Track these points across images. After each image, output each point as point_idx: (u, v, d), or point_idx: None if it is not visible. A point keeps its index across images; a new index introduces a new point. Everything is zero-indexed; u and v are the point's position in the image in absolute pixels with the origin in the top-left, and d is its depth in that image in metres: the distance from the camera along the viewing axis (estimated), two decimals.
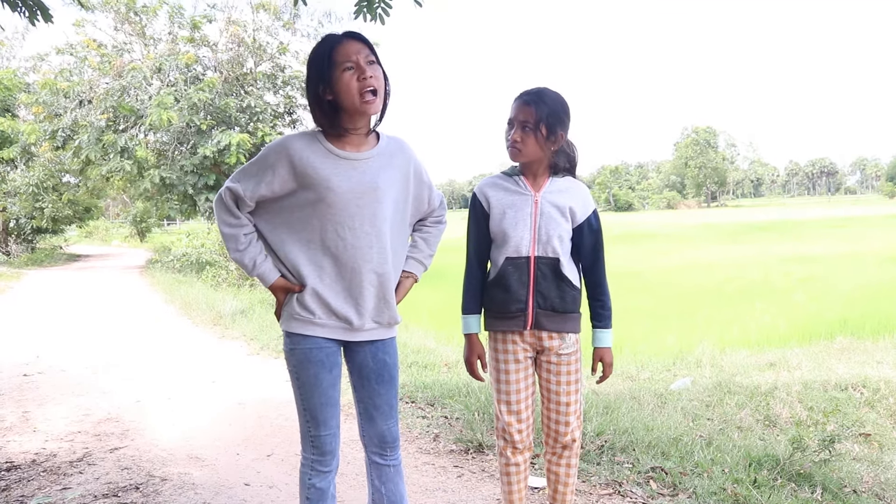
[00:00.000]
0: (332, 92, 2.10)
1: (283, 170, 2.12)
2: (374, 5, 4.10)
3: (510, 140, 2.44)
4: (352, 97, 2.08)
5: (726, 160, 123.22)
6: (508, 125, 2.47)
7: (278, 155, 2.13)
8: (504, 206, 2.49)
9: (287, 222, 2.18)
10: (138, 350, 7.48)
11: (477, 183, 2.89)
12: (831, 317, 9.22)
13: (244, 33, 16.33)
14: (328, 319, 2.17)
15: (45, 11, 4.03)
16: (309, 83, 2.15)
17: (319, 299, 2.15)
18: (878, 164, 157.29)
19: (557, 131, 2.42)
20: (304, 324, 2.16)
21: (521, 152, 2.43)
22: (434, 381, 5.54)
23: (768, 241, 25.68)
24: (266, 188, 2.14)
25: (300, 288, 2.16)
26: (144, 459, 3.98)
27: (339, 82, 2.08)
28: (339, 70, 2.08)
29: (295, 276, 2.17)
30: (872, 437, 4.48)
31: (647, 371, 6.50)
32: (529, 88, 2.47)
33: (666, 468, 3.54)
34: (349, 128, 2.16)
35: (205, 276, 14.91)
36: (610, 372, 2.59)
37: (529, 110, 2.40)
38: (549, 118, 2.40)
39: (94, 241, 41.64)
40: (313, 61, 2.14)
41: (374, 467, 2.34)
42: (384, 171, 2.20)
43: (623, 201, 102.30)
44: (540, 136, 2.40)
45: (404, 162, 2.28)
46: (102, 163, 15.90)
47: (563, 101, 2.46)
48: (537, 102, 2.40)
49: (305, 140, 2.15)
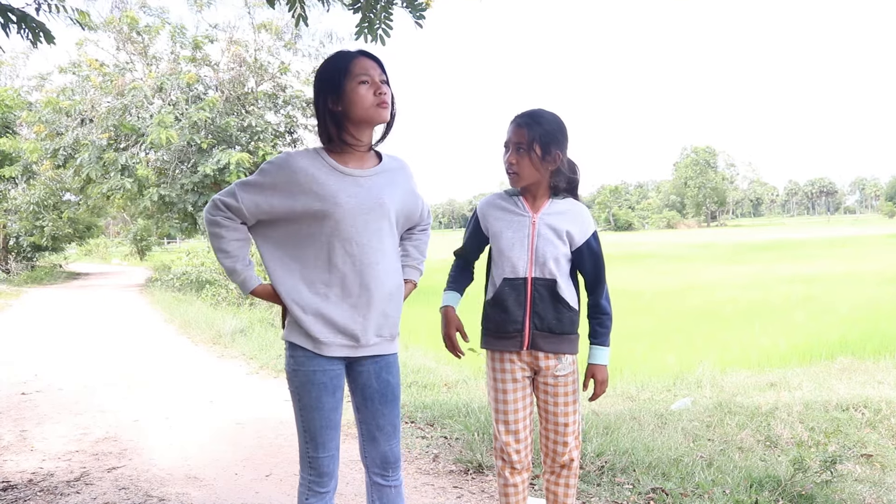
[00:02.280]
0: (343, 103, 2.12)
1: (284, 184, 2.12)
2: (375, 26, 4.14)
3: (506, 163, 2.46)
4: (365, 107, 2.12)
5: (726, 180, 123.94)
6: (505, 149, 2.48)
7: (280, 169, 2.13)
8: (502, 226, 2.50)
9: (291, 240, 2.17)
10: (137, 369, 7.46)
11: (476, 202, 2.91)
12: (832, 337, 9.20)
13: (246, 53, 16.46)
14: (334, 338, 2.15)
15: (48, 33, 4.07)
16: (318, 94, 2.17)
17: (324, 319, 2.14)
18: (877, 184, 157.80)
19: (553, 151, 2.42)
20: (307, 339, 2.15)
21: (518, 175, 2.44)
22: (433, 401, 5.52)
23: (768, 260, 25.69)
24: (265, 202, 2.13)
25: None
26: (142, 479, 3.96)
27: (353, 93, 2.11)
28: (355, 82, 2.11)
29: (295, 298, 2.15)
30: (874, 457, 4.46)
31: (648, 391, 6.47)
32: (524, 111, 2.48)
33: (667, 489, 3.52)
34: (352, 142, 2.17)
35: (204, 295, 14.88)
36: (602, 390, 2.57)
37: (522, 132, 2.41)
38: (543, 138, 2.40)
39: (93, 260, 41.62)
40: (326, 72, 2.16)
41: (375, 488, 2.32)
42: (388, 188, 2.22)
43: (623, 221, 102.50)
44: (535, 156, 2.40)
45: (405, 180, 2.31)
46: (103, 181, 15.95)
47: (558, 120, 2.46)
48: (530, 124, 2.41)
49: (309, 157, 2.15)
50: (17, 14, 3.92)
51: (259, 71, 16.63)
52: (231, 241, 2.18)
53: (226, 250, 2.19)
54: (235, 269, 2.20)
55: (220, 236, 2.18)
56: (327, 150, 2.18)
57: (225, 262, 2.21)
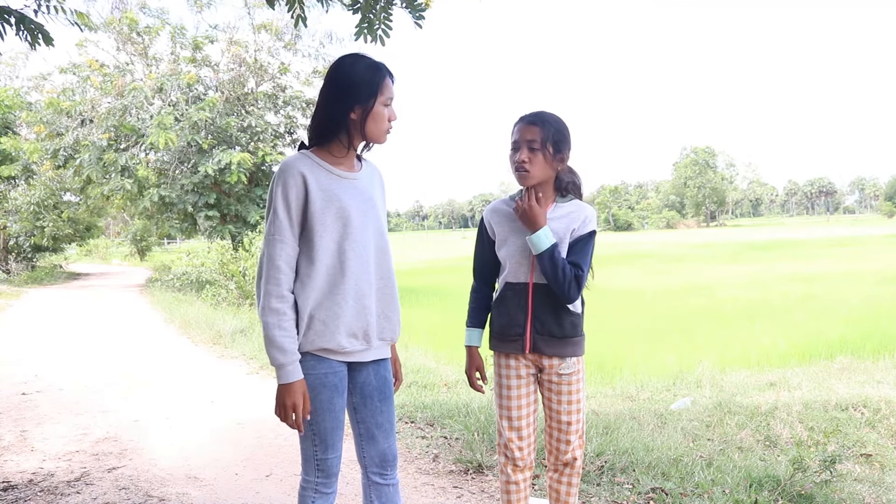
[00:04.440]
0: (363, 116, 2.13)
1: (300, 192, 2.09)
2: (375, 26, 4.15)
3: (517, 162, 2.42)
4: (380, 128, 2.17)
5: (725, 180, 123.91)
6: (513, 149, 2.46)
7: (293, 178, 2.08)
8: (506, 232, 2.52)
9: (303, 247, 2.13)
10: (137, 369, 7.46)
11: (476, 203, 2.92)
12: (831, 336, 9.19)
13: (245, 54, 16.49)
14: (346, 341, 2.15)
15: (46, 35, 4.08)
16: (340, 97, 2.13)
17: (336, 323, 2.12)
18: (876, 184, 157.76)
19: (563, 150, 2.44)
20: (320, 347, 2.13)
21: (530, 173, 2.42)
22: (434, 401, 5.52)
23: (768, 260, 25.68)
24: (296, 216, 2.09)
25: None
26: (142, 479, 3.96)
27: (378, 113, 2.15)
28: (382, 101, 2.15)
29: (306, 304, 2.11)
30: (873, 457, 4.45)
31: (647, 391, 6.47)
32: (531, 111, 2.49)
33: (666, 489, 3.52)
34: (350, 148, 2.19)
35: (204, 295, 14.87)
36: (521, 212, 2.43)
37: (535, 129, 2.41)
38: (555, 136, 2.42)
39: (94, 260, 41.65)
40: (360, 79, 2.13)
41: (373, 488, 2.32)
42: (372, 187, 2.26)
43: (622, 221, 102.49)
44: (548, 154, 2.41)
45: (380, 181, 2.35)
46: (103, 182, 15.98)
47: (563, 121, 2.49)
48: (542, 122, 2.42)
49: (304, 162, 2.13)
50: (16, 16, 3.92)
51: (259, 71, 16.66)
52: (290, 314, 2.11)
53: (285, 328, 2.10)
54: (292, 349, 2.12)
55: (281, 312, 2.09)
56: (315, 152, 2.18)
57: (284, 341, 2.10)
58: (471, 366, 2.67)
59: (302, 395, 2.09)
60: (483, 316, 2.67)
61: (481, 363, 2.67)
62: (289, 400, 2.08)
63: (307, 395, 2.11)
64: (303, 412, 2.09)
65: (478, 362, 2.66)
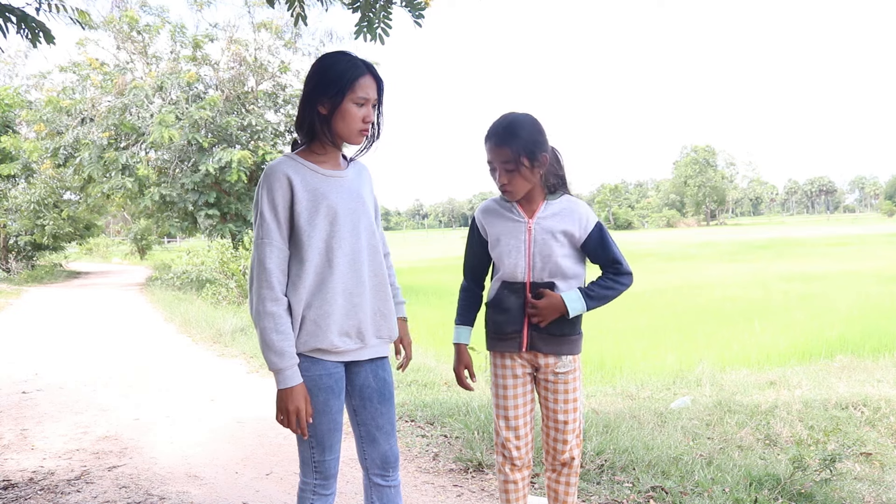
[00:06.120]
0: (331, 111, 2.12)
1: (286, 194, 2.08)
2: (375, 26, 4.15)
3: (499, 185, 2.44)
4: (349, 127, 2.13)
5: (725, 179, 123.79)
6: (490, 168, 2.46)
7: (278, 182, 2.08)
8: (499, 232, 2.51)
9: (292, 248, 2.12)
10: (137, 368, 7.47)
11: (476, 201, 2.92)
12: (831, 335, 9.18)
13: (246, 52, 16.47)
14: (340, 341, 2.14)
15: (48, 33, 4.07)
16: (313, 90, 2.13)
17: (329, 323, 2.11)
18: (876, 183, 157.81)
19: (539, 155, 2.39)
20: (313, 344, 2.13)
21: (514, 191, 2.43)
22: (433, 400, 5.52)
23: (768, 259, 25.66)
24: (283, 218, 2.09)
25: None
26: (143, 478, 3.97)
27: (346, 110, 2.11)
28: (352, 99, 2.10)
29: (299, 305, 2.10)
30: (873, 456, 4.46)
31: (647, 390, 6.47)
32: (494, 124, 2.43)
33: (666, 487, 3.52)
34: (331, 146, 2.18)
35: (205, 294, 14.88)
36: (538, 314, 2.45)
37: (504, 151, 2.37)
38: (527, 148, 2.37)
39: (94, 259, 41.61)
40: (331, 74, 2.11)
41: (375, 489, 2.32)
42: (360, 185, 2.25)
43: (623, 220, 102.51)
44: (524, 169, 2.38)
45: (368, 178, 2.33)
46: (103, 180, 15.97)
47: (531, 121, 2.42)
48: (509, 140, 2.37)
49: (288, 164, 2.12)
50: (17, 14, 3.92)
51: (259, 70, 16.64)
52: (285, 318, 2.10)
53: (283, 331, 2.08)
54: (291, 352, 2.10)
55: (277, 315, 2.07)
56: (300, 153, 2.17)
57: (283, 344, 2.08)
58: (459, 363, 2.67)
59: (303, 398, 2.08)
60: (472, 314, 2.68)
61: (469, 361, 2.67)
62: (291, 405, 2.06)
63: (308, 397, 2.10)
64: (305, 416, 2.09)
65: (466, 360, 2.66)
